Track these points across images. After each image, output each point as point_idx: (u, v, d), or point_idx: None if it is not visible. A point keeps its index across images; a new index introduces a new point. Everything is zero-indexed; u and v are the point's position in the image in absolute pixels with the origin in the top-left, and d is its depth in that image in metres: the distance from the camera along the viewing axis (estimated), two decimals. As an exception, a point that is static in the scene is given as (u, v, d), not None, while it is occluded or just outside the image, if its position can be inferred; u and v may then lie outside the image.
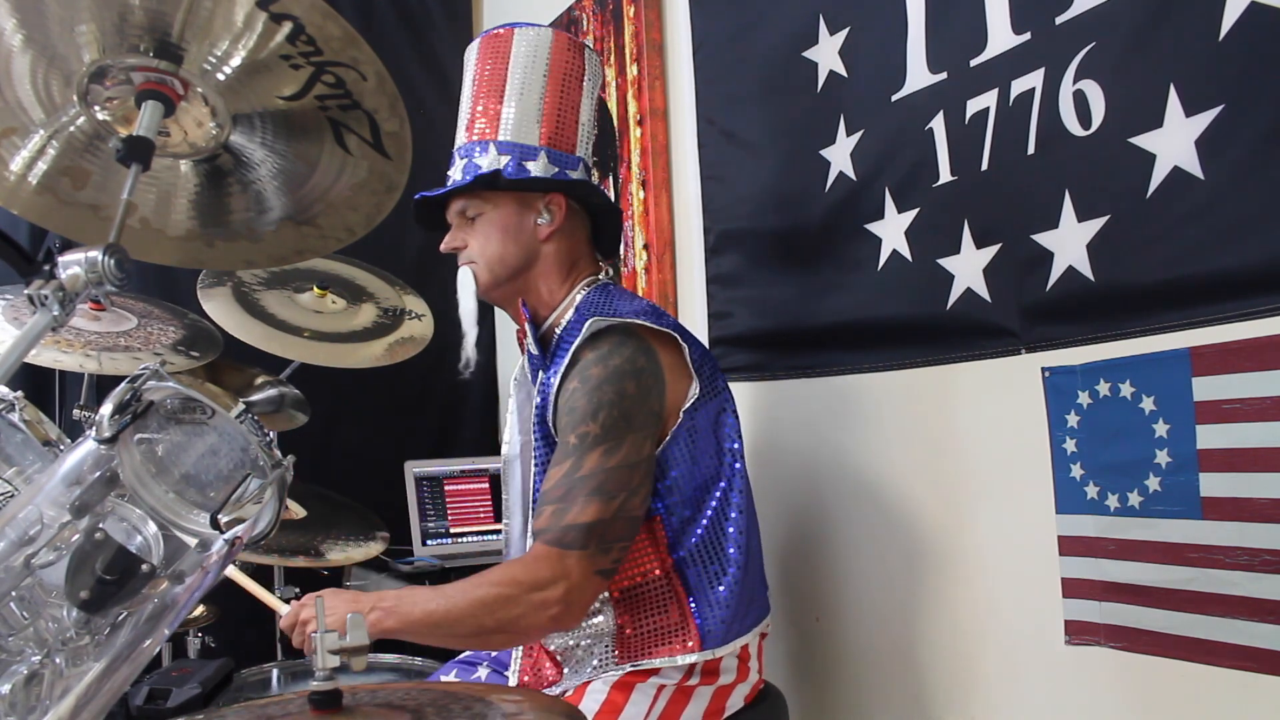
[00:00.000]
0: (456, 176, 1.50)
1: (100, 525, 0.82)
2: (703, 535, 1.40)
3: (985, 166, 1.43)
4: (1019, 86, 1.36)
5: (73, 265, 0.91)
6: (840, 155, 1.70)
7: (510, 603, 1.29)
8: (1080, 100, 1.28)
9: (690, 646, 1.37)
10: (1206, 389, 1.16)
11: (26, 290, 0.91)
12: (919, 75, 1.54)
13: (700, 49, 2.09)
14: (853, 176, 1.67)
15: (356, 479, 2.74)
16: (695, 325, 2.10)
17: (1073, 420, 1.33)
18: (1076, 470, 1.33)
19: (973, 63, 1.44)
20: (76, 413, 2.00)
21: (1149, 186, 1.21)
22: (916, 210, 1.56)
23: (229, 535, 0.84)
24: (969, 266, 1.46)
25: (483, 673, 1.60)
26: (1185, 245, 1.18)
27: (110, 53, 1.02)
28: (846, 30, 1.68)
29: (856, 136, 1.66)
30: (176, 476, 0.84)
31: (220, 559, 0.87)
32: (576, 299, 1.49)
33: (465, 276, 1.52)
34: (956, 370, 1.53)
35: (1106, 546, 1.29)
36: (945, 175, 1.50)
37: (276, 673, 2.10)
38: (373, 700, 0.87)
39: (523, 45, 1.50)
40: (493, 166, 1.46)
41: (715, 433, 1.43)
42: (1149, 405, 1.23)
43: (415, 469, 2.65)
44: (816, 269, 1.78)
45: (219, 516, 0.82)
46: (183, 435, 0.85)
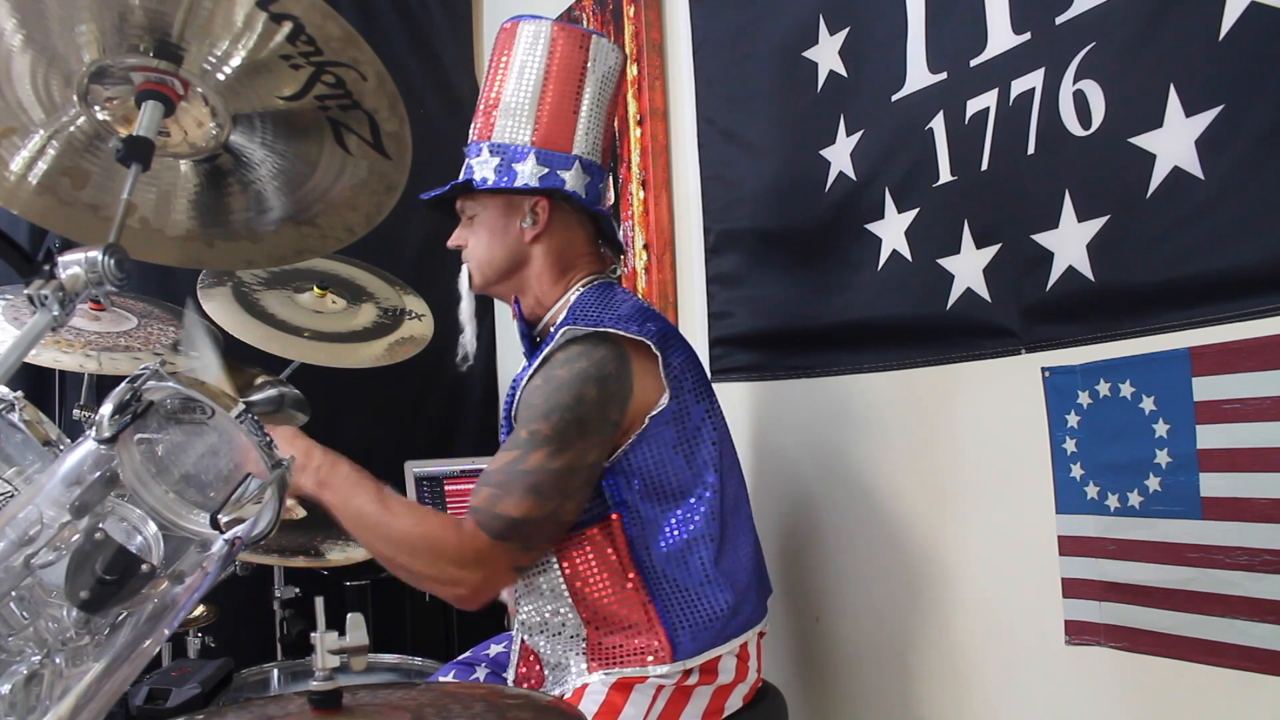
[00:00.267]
0: (461, 175, 1.51)
1: (100, 525, 0.82)
2: (672, 543, 1.39)
3: (985, 166, 1.43)
4: (1019, 86, 1.36)
5: (73, 265, 0.91)
6: (840, 155, 1.70)
7: (430, 561, 1.33)
8: (1080, 100, 1.28)
9: (661, 657, 1.36)
10: (1206, 389, 1.16)
11: (26, 290, 0.91)
12: (919, 75, 1.54)
13: (700, 49, 2.09)
14: (853, 176, 1.67)
15: (356, 479, 2.74)
16: (695, 325, 2.10)
17: (1073, 420, 1.33)
18: (1076, 470, 1.32)
19: (973, 63, 1.44)
20: (76, 413, 2.00)
21: (1149, 186, 1.21)
22: (916, 210, 1.55)
23: (229, 535, 0.84)
24: (969, 266, 1.46)
25: (481, 674, 1.60)
26: (1185, 245, 1.18)
27: (110, 53, 1.02)
28: (846, 30, 1.68)
29: (856, 136, 1.66)
30: (176, 476, 0.84)
31: (220, 559, 0.87)
32: (571, 298, 1.48)
33: (465, 273, 1.56)
34: (956, 370, 1.53)
35: (1106, 546, 1.29)
36: (945, 175, 1.50)
37: (276, 673, 2.10)
38: (373, 700, 0.87)
39: (524, 40, 1.49)
40: (484, 169, 1.47)
41: (690, 443, 1.41)
42: (1149, 405, 1.22)
43: (415, 469, 2.65)
44: (816, 269, 1.78)
45: (219, 516, 0.82)
46: (183, 435, 0.85)
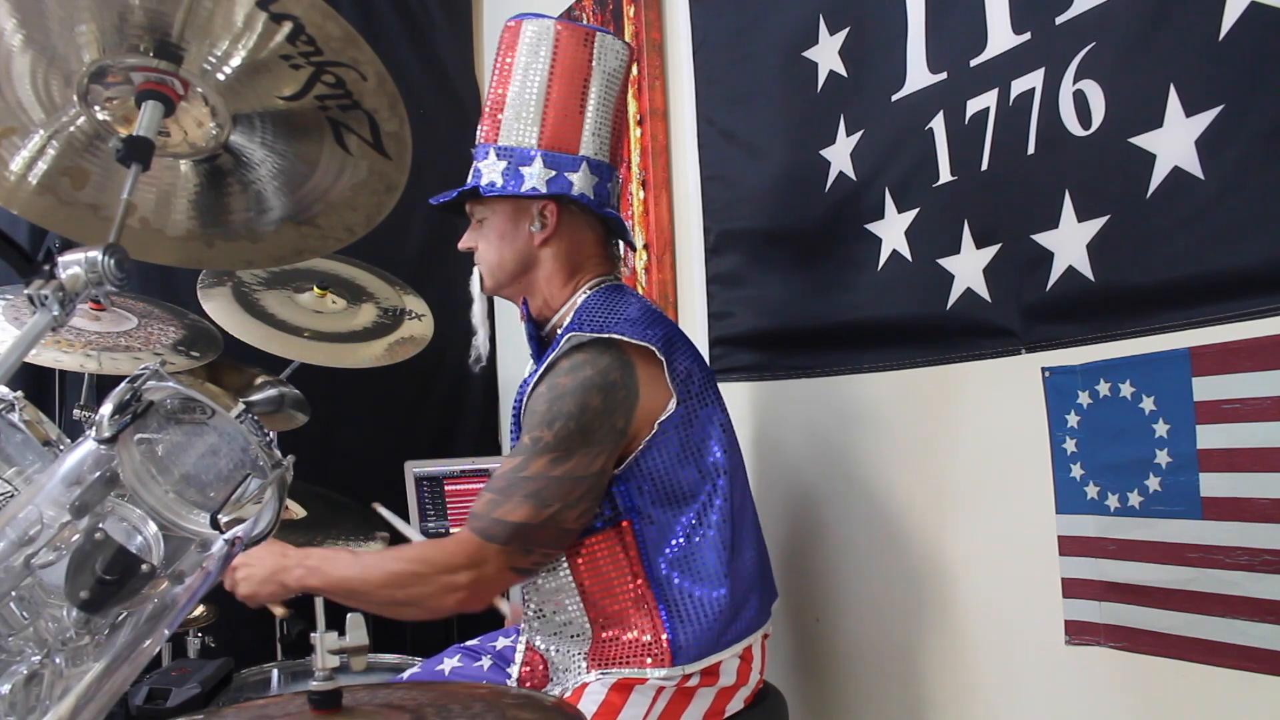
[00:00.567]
0: (470, 178, 1.51)
1: (100, 525, 0.82)
2: (679, 548, 1.39)
3: (985, 166, 1.43)
4: (1019, 86, 1.36)
5: (73, 265, 0.91)
6: (840, 155, 1.70)
7: (420, 580, 1.36)
8: (1080, 100, 1.28)
9: (661, 661, 1.36)
10: (1206, 389, 1.16)
11: (26, 290, 0.91)
12: (919, 75, 1.54)
13: (700, 49, 2.09)
14: (853, 176, 1.67)
15: (356, 479, 2.74)
16: (695, 325, 2.10)
17: (1073, 420, 1.33)
18: (1076, 470, 1.32)
19: (973, 63, 1.44)
20: (76, 413, 2.00)
21: (1149, 186, 1.20)
22: (916, 210, 1.55)
23: (229, 535, 0.84)
24: (969, 266, 1.46)
25: (486, 663, 1.60)
26: (1185, 245, 1.18)
27: (110, 53, 1.02)
28: (846, 30, 1.68)
29: (856, 136, 1.66)
30: (176, 476, 0.84)
31: (220, 559, 0.87)
32: (579, 301, 1.48)
33: (476, 276, 1.57)
34: (957, 370, 1.53)
35: (1106, 546, 1.29)
36: (945, 175, 1.50)
37: (276, 673, 2.10)
38: (373, 700, 0.87)
39: (527, 40, 1.48)
40: (491, 173, 1.47)
41: (697, 447, 1.41)
42: (1149, 405, 1.22)
43: (415, 469, 2.65)
44: (816, 269, 1.78)
45: (219, 516, 0.82)
46: (183, 435, 0.85)
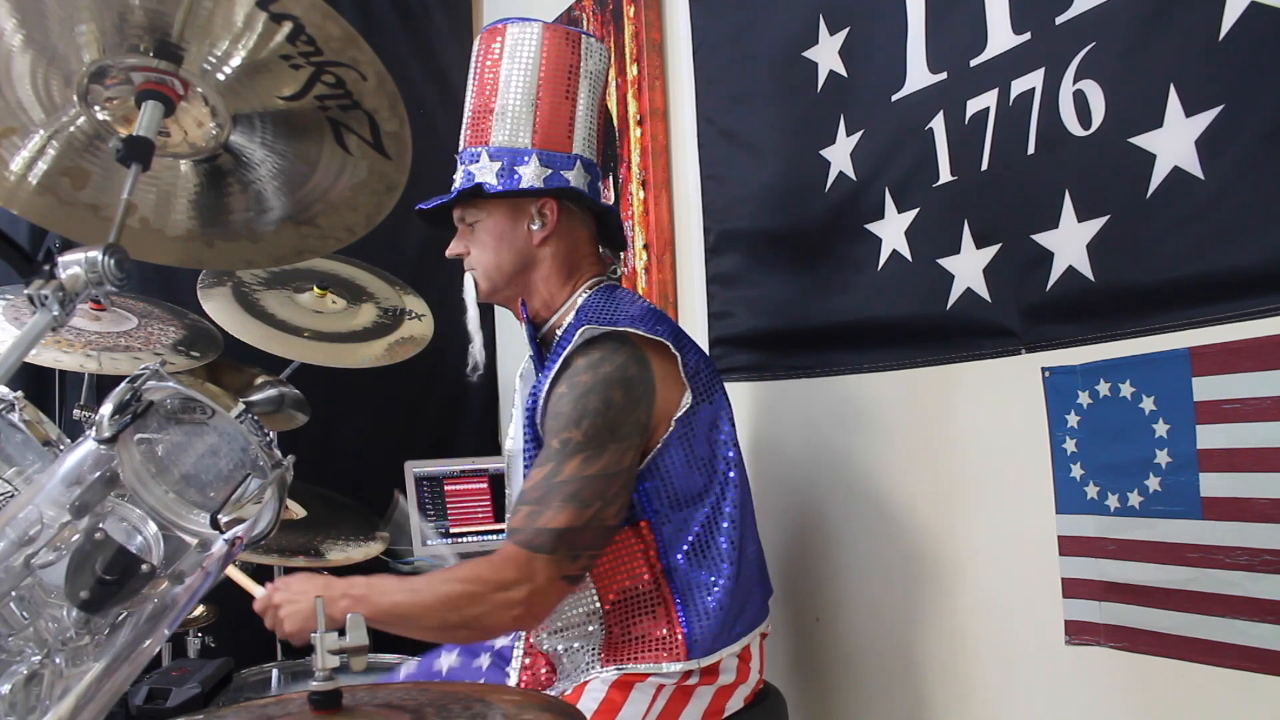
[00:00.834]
0: (458, 183, 1.50)
1: (100, 525, 0.82)
2: (694, 543, 1.40)
3: (985, 166, 1.43)
4: (1019, 86, 1.36)
5: (73, 265, 0.91)
6: (840, 155, 1.70)
7: (475, 600, 1.30)
8: (1080, 100, 1.28)
9: (676, 655, 1.37)
10: (1206, 389, 1.16)
11: (26, 290, 0.91)
12: (919, 75, 1.54)
13: (700, 49, 2.09)
14: (853, 176, 1.67)
15: (356, 479, 2.74)
16: (695, 325, 2.10)
17: (1073, 420, 1.33)
18: (1076, 470, 1.32)
19: (973, 63, 1.44)
20: (76, 413, 2.00)
21: (1149, 186, 1.20)
22: (916, 210, 1.55)
23: (229, 535, 0.84)
24: (969, 266, 1.46)
25: (484, 660, 1.60)
26: (1185, 245, 1.18)
27: (110, 53, 1.02)
28: (846, 30, 1.68)
29: (856, 136, 1.66)
30: (176, 476, 0.84)
31: (220, 559, 0.87)
32: (578, 301, 1.48)
33: (470, 283, 1.55)
34: (956, 370, 1.53)
35: (1106, 546, 1.29)
36: (945, 175, 1.50)
37: (276, 673, 2.11)
38: (373, 700, 0.87)
39: (513, 42, 1.48)
40: (484, 174, 1.47)
41: (709, 441, 1.42)
42: (1149, 405, 1.22)
43: (415, 469, 2.65)
44: (816, 269, 1.78)
45: (219, 516, 0.82)
46: (183, 435, 0.85)
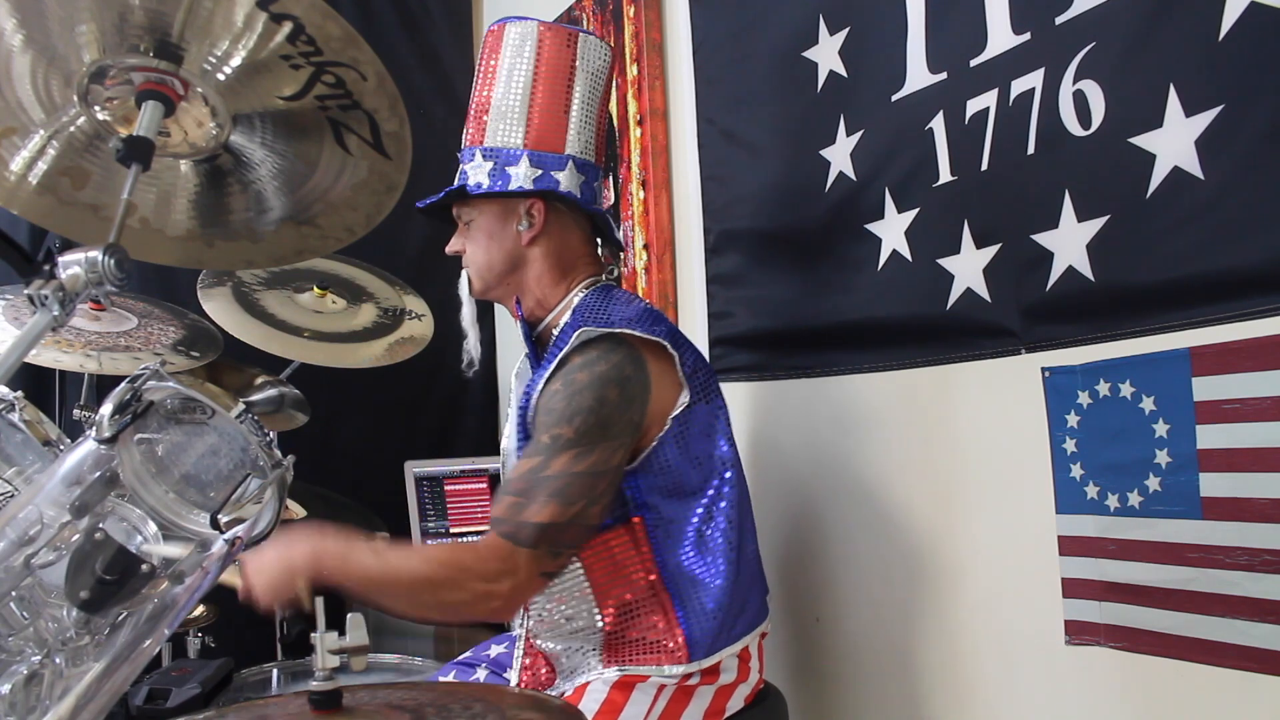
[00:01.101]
0: (456, 182, 1.51)
1: (100, 525, 0.82)
2: (690, 544, 1.40)
3: (985, 166, 1.43)
4: (1019, 86, 1.36)
5: (73, 265, 0.91)
6: (840, 155, 1.69)
7: (455, 587, 1.30)
8: (1080, 100, 1.28)
9: (677, 657, 1.37)
10: (1206, 389, 1.16)
11: (26, 290, 0.91)
12: (919, 75, 1.53)
13: (700, 49, 2.09)
14: (853, 176, 1.67)
15: (356, 479, 2.74)
16: (695, 325, 2.10)
17: (1073, 420, 1.33)
18: (1076, 470, 1.32)
19: (973, 63, 1.44)
20: (76, 413, 2.00)
21: (1149, 186, 1.20)
22: (916, 210, 1.55)
23: (229, 535, 0.84)
24: (969, 266, 1.46)
25: (481, 674, 1.60)
26: (1185, 245, 1.18)
27: (110, 53, 1.02)
28: (846, 30, 1.68)
29: (856, 136, 1.66)
30: (176, 476, 0.84)
31: (220, 559, 0.87)
32: (574, 301, 1.48)
33: (464, 279, 1.56)
34: (956, 370, 1.53)
35: (1106, 546, 1.29)
36: (945, 175, 1.50)
37: (276, 673, 2.10)
38: (373, 700, 0.87)
39: (511, 41, 1.49)
40: (478, 174, 1.47)
41: (705, 441, 1.42)
42: (1149, 405, 1.22)
43: (415, 469, 2.65)
44: (816, 269, 1.77)
45: (219, 516, 0.82)
46: (183, 435, 0.85)
